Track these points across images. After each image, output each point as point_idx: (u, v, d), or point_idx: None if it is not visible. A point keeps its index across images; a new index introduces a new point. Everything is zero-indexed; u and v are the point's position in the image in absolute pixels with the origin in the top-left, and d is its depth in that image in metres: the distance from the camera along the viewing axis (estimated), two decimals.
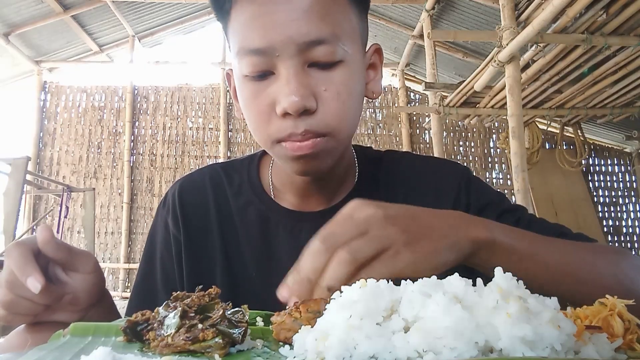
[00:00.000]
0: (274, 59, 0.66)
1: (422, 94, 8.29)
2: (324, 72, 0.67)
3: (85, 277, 0.68)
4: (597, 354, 0.38)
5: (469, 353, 0.35)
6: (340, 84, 0.68)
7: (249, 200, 0.85)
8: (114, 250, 8.15)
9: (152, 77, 9.95)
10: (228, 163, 0.92)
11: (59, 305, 0.66)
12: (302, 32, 0.64)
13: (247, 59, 0.67)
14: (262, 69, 0.67)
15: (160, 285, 0.84)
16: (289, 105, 0.65)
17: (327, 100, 0.67)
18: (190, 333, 0.43)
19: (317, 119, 0.67)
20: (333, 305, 0.42)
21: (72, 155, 8.28)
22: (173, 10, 7.86)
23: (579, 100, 4.76)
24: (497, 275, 0.41)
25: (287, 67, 0.65)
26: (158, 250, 0.86)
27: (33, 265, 0.61)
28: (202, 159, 8.43)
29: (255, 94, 0.69)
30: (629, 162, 8.37)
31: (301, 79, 0.65)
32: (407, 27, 7.25)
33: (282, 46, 0.65)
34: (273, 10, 0.65)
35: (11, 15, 6.48)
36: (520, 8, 3.77)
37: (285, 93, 0.65)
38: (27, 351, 0.41)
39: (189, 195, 0.86)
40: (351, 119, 0.72)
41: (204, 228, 0.84)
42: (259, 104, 0.69)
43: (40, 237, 0.63)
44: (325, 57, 0.66)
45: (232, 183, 0.87)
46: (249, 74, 0.68)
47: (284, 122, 0.67)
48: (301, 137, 0.67)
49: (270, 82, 0.68)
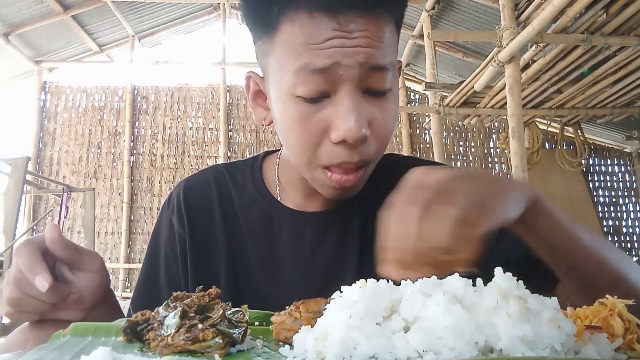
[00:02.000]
0: (335, 81, 0.64)
1: (422, 94, 8.29)
2: (376, 99, 0.67)
3: (91, 276, 0.69)
4: (597, 354, 0.38)
5: (469, 353, 0.35)
6: (388, 112, 0.69)
7: (253, 199, 0.86)
8: (114, 250, 8.14)
9: (152, 77, 9.92)
10: (231, 164, 0.93)
11: (64, 304, 0.67)
12: (370, 57, 0.64)
13: (307, 78, 0.64)
14: (321, 89, 0.65)
15: (164, 285, 0.84)
16: (350, 135, 0.64)
17: (377, 129, 0.68)
18: (190, 333, 0.43)
19: (370, 147, 0.68)
20: (333, 305, 0.42)
21: (72, 155, 8.27)
22: (173, 10, 7.86)
23: (579, 100, 4.76)
24: (497, 275, 0.41)
25: (347, 92, 0.64)
26: (162, 249, 0.87)
27: (41, 264, 0.62)
28: (202, 159, 8.42)
29: (306, 116, 0.67)
30: (629, 162, 8.37)
31: (360, 107, 0.65)
32: (407, 27, 7.25)
33: (347, 69, 0.63)
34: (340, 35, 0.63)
35: (11, 15, 6.48)
36: (520, 8, 3.77)
37: (345, 121, 0.64)
38: (28, 351, 0.42)
39: (193, 195, 0.87)
40: (389, 141, 0.73)
41: (209, 227, 0.85)
42: (311, 127, 0.67)
43: (49, 235, 0.64)
44: (380, 84, 0.66)
45: (236, 183, 0.88)
46: (305, 95, 0.66)
47: (336, 148, 0.66)
48: (354, 165, 0.68)
49: (324, 105, 0.66)
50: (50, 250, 0.65)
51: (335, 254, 0.81)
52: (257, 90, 0.78)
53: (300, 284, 0.80)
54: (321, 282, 0.80)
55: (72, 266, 0.68)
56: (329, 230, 0.82)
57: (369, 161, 0.69)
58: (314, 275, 0.80)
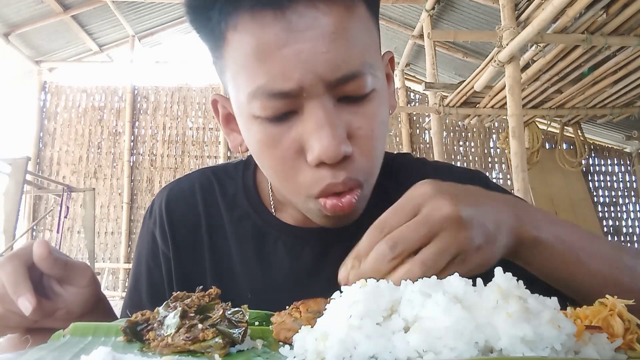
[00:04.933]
0: (299, 100, 0.55)
1: (422, 94, 8.29)
2: (355, 106, 0.57)
3: (80, 290, 0.66)
4: (597, 354, 0.38)
5: (469, 353, 0.35)
6: (373, 117, 0.59)
7: (244, 212, 0.76)
8: (114, 250, 8.15)
9: (152, 77, 9.94)
10: (220, 167, 0.82)
11: (51, 318, 0.64)
12: (335, 67, 0.54)
13: (265, 102, 0.55)
14: (284, 110, 0.56)
15: (145, 300, 0.78)
16: (325, 154, 0.54)
17: (362, 140, 0.58)
18: (190, 333, 0.43)
19: (356, 165, 0.58)
20: (333, 305, 0.42)
21: (72, 155, 8.28)
22: (173, 10, 7.86)
23: (579, 100, 4.76)
24: (497, 275, 0.41)
25: (316, 107, 0.55)
26: (144, 264, 0.80)
27: (25, 284, 0.59)
28: (202, 159, 8.43)
29: (274, 139, 0.58)
30: (629, 162, 8.37)
31: (334, 120, 0.55)
32: (407, 27, 7.25)
33: (311, 87, 0.54)
34: (293, 40, 0.53)
35: (11, 15, 6.48)
36: (520, 8, 3.77)
37: (319, 139, 0.54)
38: (27, 351, 0.41)
39: (177, 208, 0.78)
40: (381, 157, 0.64)
41: (195, 244, 0.77)
42: (282, 151, 0.58)
43: (37, 252, 0.61)
44: (357, 90, 0.56)
45: (226, 192, 0.78)
46: (267, 117, 0.57)
47: (317, 172, 0.57)
48: (342, 186, 0.58)
49: (293, 123, 0.57)
50: (38, 267, 0.62)
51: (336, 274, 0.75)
52: (227, 113, 0.70)
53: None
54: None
55: (61, 281, 0.65)
56: (331, 247, 0.72)
57: (358, 180, 0.59)
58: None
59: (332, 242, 0.72)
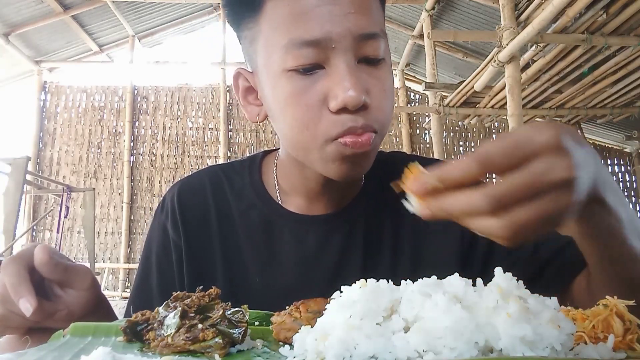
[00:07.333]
0: (327, 52, 0.64)
1: (422, 94, 8.29)
2: (371, 68, 0.66)
3: (81, 293, 0.67)
4: (597, 354, 0.38)
5: (469, 353, 0.35)
6: (385, 80, 0.68)
7: (251, 203, 0.82)
8: (114, 250, 8.15)
9: (152, 77, 9.96)
10: (228, 165, 0.89)
11: (51, 319, 0.65)
12: (360, 25, 0.64)
13: (299, 52, 0.64)
14: (314, 61, 0.64)
15: (156, 292, 0.81)
16: (349, 100, 0.62)
17: (376, 96, 0.66)
18: (190, 333, 0.43)
19: (372, 115, 0.65)
20: (333, 305, 0.42)
21: (72, 155, 8.28)
22: (173, 10, 7.87)
23: (579, 100, 4.77)
24: (497, 275, 0.41)
25: (342, 60, 0.63)
26: (154, 257, 0.83)
27: (26, 286, 0.60)
28: (202, 159, 8.43)
29: (302, 90, 0.65)
30: (629, 162, 8.37)
31: (357, 73, 0.64)
32: (407, 27, 7.26)
33: (339, 38, 0.63)
34: (326, 2, 0.63)
35: (11, 15, 6.48)
36: (520, 8, 3.77)
37: (344, 88, 0.62)
38: (27, 351, 0.41)
39: (188, 199, 0.83)
40: (391, 116, 0.71)
41: (205, 233, 0.81)
42: (308, 100, 0.65)
43: (38, 258, 0.62)
44: (374, 52, 0.66)
45: (233, 185, 0.84)
46: (297, 67, 0.64)
47: (338, 117, 0.64)
48: (361, 131, 0.64)
49: (319, 77, 0.65)
50: (39, 272, 0.63)
51: (339, 259, 0.78)
52: (247, 87, 0.76)
53: (302, 291, 0.77)
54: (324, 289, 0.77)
55: (62, 284, 0.66)
56: (333, 234, 0.79)
57: (373, 128, 0.66)
58: (316, 282, 0.77)
59: (334, 228, 0.79)
